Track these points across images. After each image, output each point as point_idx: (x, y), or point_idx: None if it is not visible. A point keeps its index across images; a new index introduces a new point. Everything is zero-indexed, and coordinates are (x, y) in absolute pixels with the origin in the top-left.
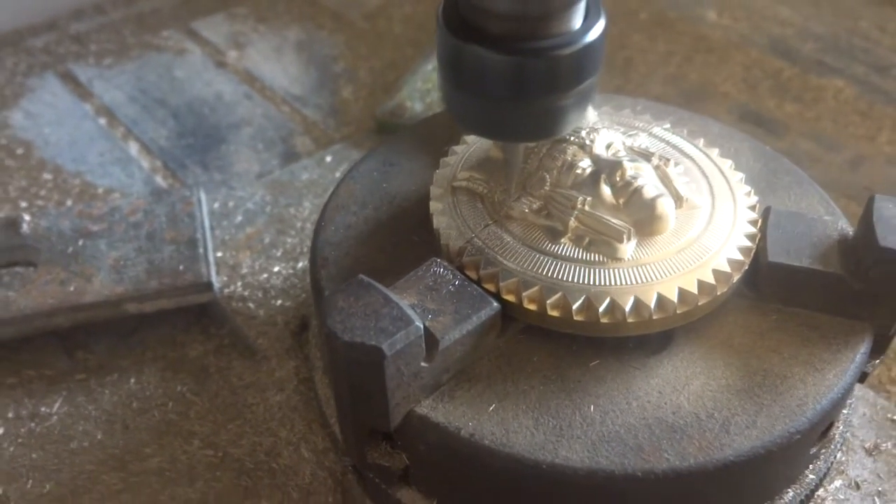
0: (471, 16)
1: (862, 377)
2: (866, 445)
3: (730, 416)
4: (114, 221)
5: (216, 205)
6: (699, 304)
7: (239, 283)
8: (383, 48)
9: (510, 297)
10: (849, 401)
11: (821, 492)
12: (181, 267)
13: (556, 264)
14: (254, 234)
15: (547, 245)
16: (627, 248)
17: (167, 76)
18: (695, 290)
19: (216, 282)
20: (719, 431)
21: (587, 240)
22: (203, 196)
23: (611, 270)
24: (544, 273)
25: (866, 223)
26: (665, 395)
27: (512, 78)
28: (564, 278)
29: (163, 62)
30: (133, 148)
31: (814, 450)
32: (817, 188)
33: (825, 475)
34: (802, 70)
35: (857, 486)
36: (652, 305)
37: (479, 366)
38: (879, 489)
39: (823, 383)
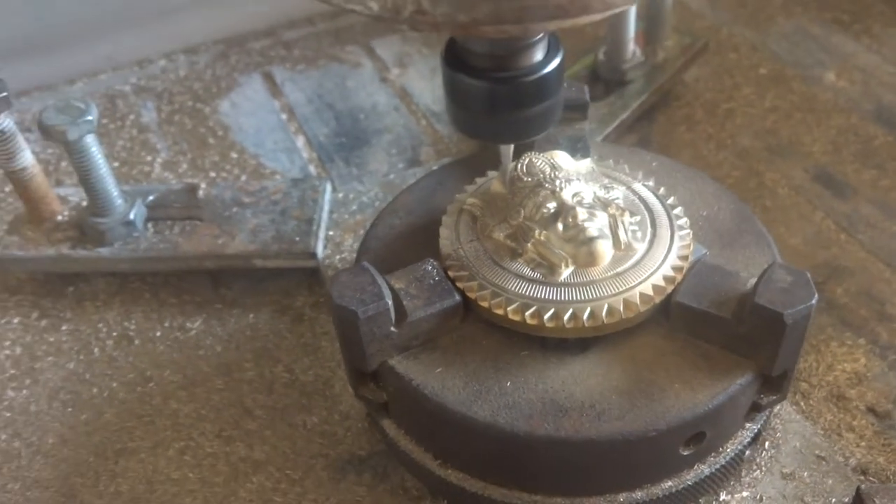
0: (460, 54)
1: (756, 407)
2: (784, 471)
3: (606, 408)
4: (261, 197)
5: (340, 194)
6: (605, 323)
7: (338, 257)
8: None
9: (471, 295)
10: (753, 428)
11: (726, 497)
12: (297, 238)
13: (509, 277)
14: (360, 222)
15: (507, 262)
16: (563, 273)
17: (341, 84)
18: (603, 313)
19: (320, 253)
20: (593, 417)
21: (536, 262)
22: (328, 187)
23: (547, 287)
24: (498, 282)
25: (757, 283)
26: (566, 384)
27: (485, 98)
28: (511, 288)
29: (340, 72)
30: (300, 141)
31: (685, 452)
32: (773, 251)
33: (715, 480)
34: None
35: (760, 500)
36: (565, 318)
37: (441, 340)
38: None
39: (692, 400)
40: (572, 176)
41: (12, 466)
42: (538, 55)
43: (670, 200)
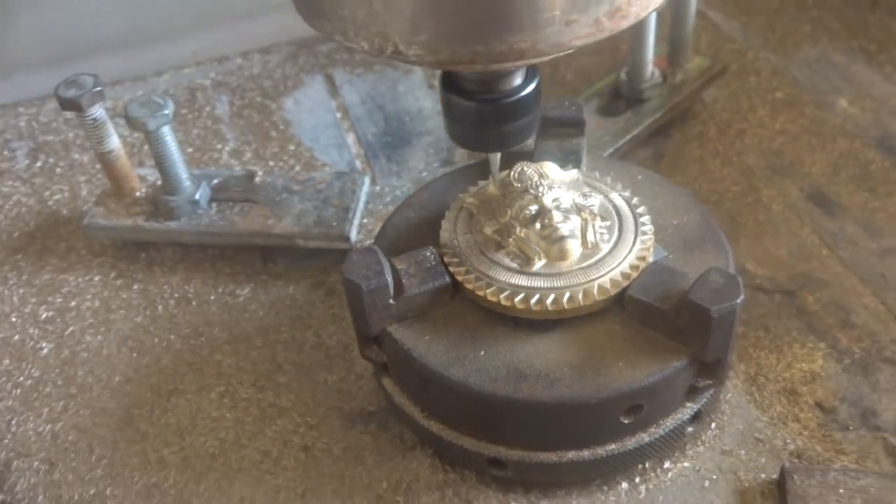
0: (453, 78)
1: (693, 389)
2: (724, 448)
3: (559, 377)
4: (307, 186)
5: (377, 188)
6: (566, 308)
7: (368, 242)
8: (554, 92)
9: (459, 278)
10: (693, 407)
11: (669, 465)
12: (335, 223)
13: (492, 265)
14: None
15: (492, 253)
16: (536, 265)
17: (392, 89)
18: (565, 300)
19: (353, 238)
20: (546, 384)
21: (515, 254)
22: (367, 181)
23: (522, 276)
24: (483, 269)
25: (694, 282)
26: (529, 356)
27: (473, 115)
28: (493, 274)
29: (393, 78)
30: (350, 138)
31: (626, 421)
32: (728, 259)
33: (654, 448)
34: (893, 165)
35: (698, 471)
36: (532, 301)
37: (432, 314)
38: (714, 477)
39: (632, 376)
40: (556, 184)
41: (86, 397)
42: (517, 80)
43: (640, 209)
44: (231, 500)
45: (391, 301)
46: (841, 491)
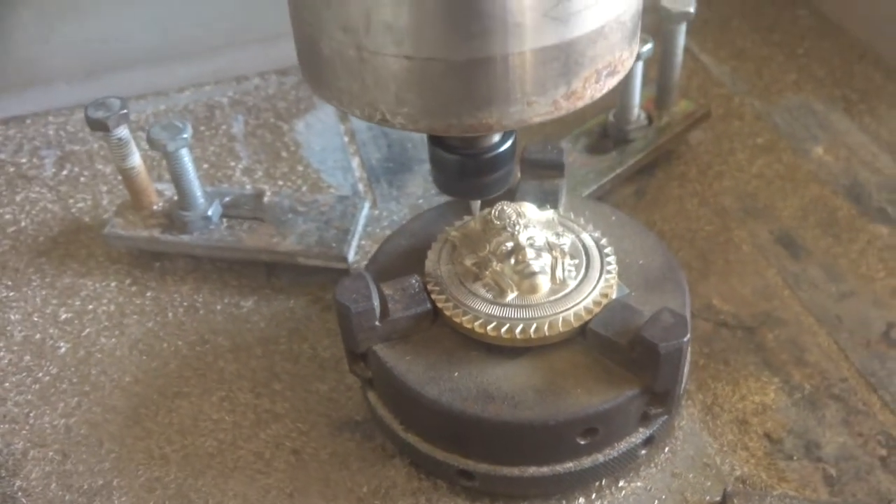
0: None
1: (646, 416)
2: (675, 471)
3: (523, 400)
4: (312, 207)
5: (376, 211)
6: (533, 337)
7: (364, 263)
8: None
9: (440, 305)
10: (646, 432)
11: (623, 483)
12: (334, 244)
13: (469, 295)
14: None
15: (469, 283)
16: (509, 297)
17: None
18: (532, 330)
19: (351, 258)
20: (511, 406)
21: (491, 286)
22: (366, 205)
23: (495, 306)
24: (461, 298)
25: (647, 320)
26: (498, 379)
27: (455, 167)
28: (469, 304)
29: None
30: (355, 162)
31: (582, 442)
32: (685, 298)
33: (609, 468)
34: (859, 213)
35: (649, 490)
36: (503, 330)
37: (414, 336)
38: (663, 497)
39: (588, 402)
40: (532, 223)
41: (98, 395)
42: (496, 138)
43: (607, 249)
44: (226, 496)
45: (377, 323)
46: None
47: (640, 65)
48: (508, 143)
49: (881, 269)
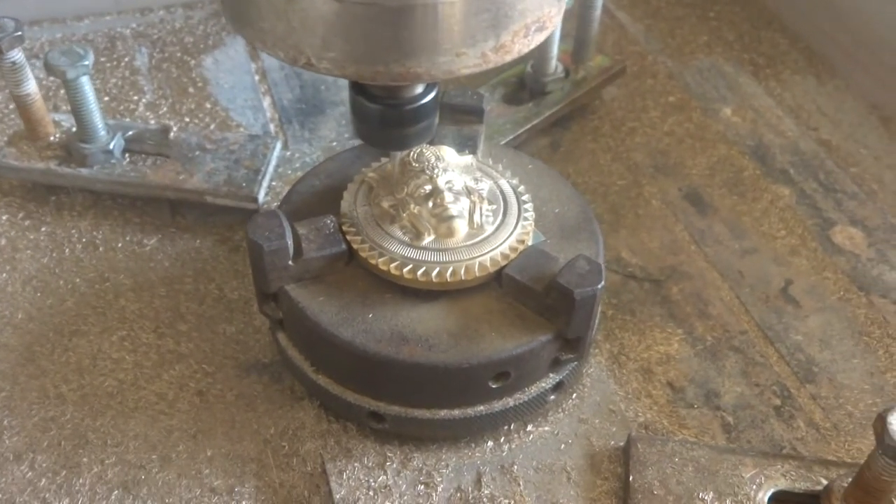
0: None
1: (557, 362)
2: (582, 416)
3: (436, 343)
4: (221, 146)
5: (288, 153)
6: (448, 281)
7: (275, 204)
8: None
9: (355, 247)
10: (555, 378)
11: (531, 428)
12: (244, 184)
13: (385, 237)
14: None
15: (386, 225)
16: (425, 240)
17: None
18: (448, 273)
19: (261, 199)
20: (425, 348)
21: (408, 229)
22: (278, 145)
23: (411, 249)
24: (377, 239)
25: (563, 267)
26: (412, 322)
27: (378, 117)
28: (385, 245)
29: None
30: (266, 101)
31: (494, 386)
32: (599, 247)
33: (519, 412)
34: (763, 174)
35: (556, 434)
36: (418, 273)
37: (328, 277)
38: (570, 441)
39: (501, 346)
40: (450, 167)
41: None
42: (419, 89)
43: (524, 196)
44: (126, 436)
45: (290, 262)
46: (676, 459)
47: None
48: (431, 95)
49: (782, 228)
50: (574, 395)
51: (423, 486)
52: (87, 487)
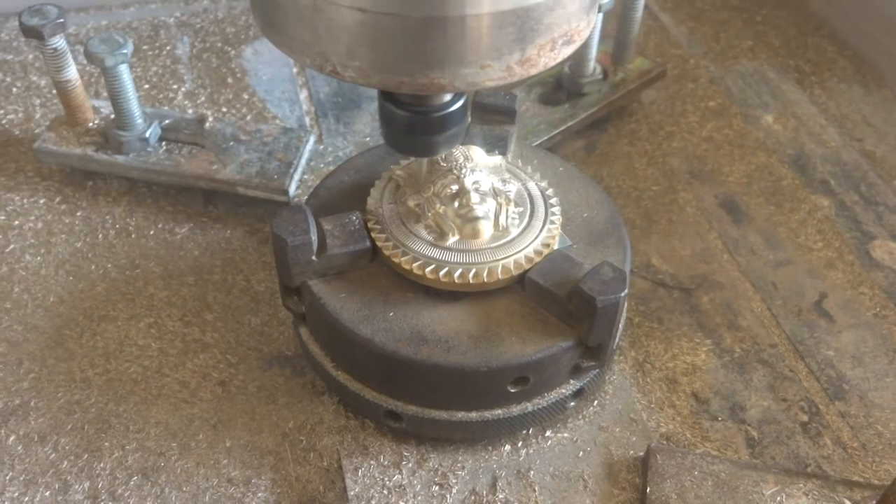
0: None
1: (577, 368)
2: (602, 424)
3: (456, 344)
4: (255, 137)
5: (321, 147)
6: (471, 282)
7: (305, 197)
8: None
9: (378, 244)
10: (576, 385)
11: (550, 433)
12: (276, 176)
13: (410, 236)
14: None
15: (411, 224)
16: (450, 240)
17: None
18: (471, 275)
19: (292, 192)
20: (444, 349)
21: (432, 228)
22: (312, 139)
23: (435, 248)
24: (401, 238)
25: (587, 273)
26: (433, 323)
27: (405, 124)
28: (409, 244)
29: None
30: (303, 94)
31: (513, 390)
32: (626, 254)
33: (537, 418)
34: (802, 184)
35: (575, 441)
36: (441, 273)
37: (351, 274)
38: (588, 449)
39: (521, 351)
40: (479, 167)
41: (20, 313)
42: (447, 97)
43: (552, 200)
44: (147, 423)
45: (313, 258)
46: (696, 472)
47: (598, 17)
48: (459, 103)
49: (819, 239)
50: (595, 402)
51: (437, 487)
52: (107, 472)
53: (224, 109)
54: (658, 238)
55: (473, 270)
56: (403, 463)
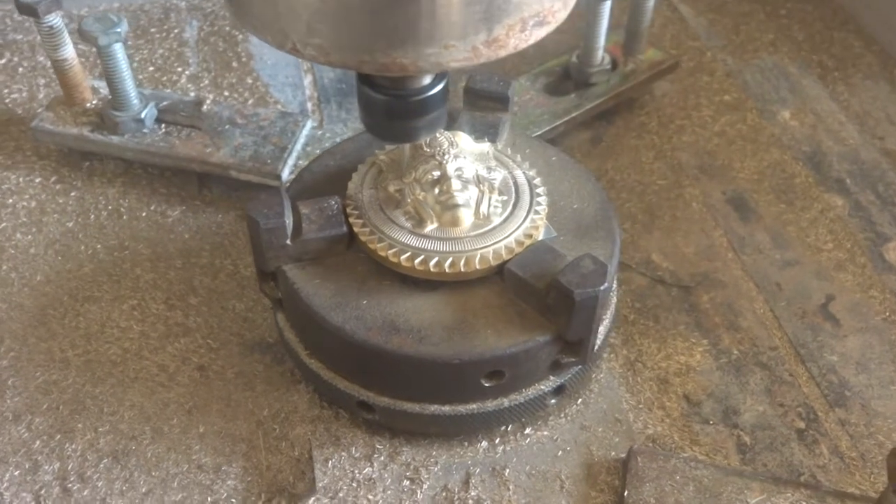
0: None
1: (556, 365)
2: (584, 423)
3: (428, 335)
4: (251, 121)
5: (320, 132)
6: (447, 272)
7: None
8: (511, 62)
9: (356, 230)
10: (556, 381)
11: (530, 431)
12: (269, 161)
13: (387, 222)
14: None
15: (390, 210)
16: (428, 228)
17: None
18: (447, 264)
19: (285, 177)
20: (416, 340)
21: (411, 215)
22: (308, 124)
23: (412, 236)
24: (378, 224)
25: (566, 265)
26: (406, 312)
27: (383, 108)
28: (386, 231)
29: None
30: (307, 80)
31: (488, 384)
32: (615, 247)
33: (514, 413)
34: (816, 182)
35: (555, 440)
36: (416, 261)
37: (327, 259)
38: (568, 448)
39: (496, 344)
40: (463, 154)
41: (5, 291)
42: (426, 80)
43: (539, 189)
44: (122, 405)
45: (288, 241)
46: (677, 477)
47: (606, 5)
48: (439, 87)
49: (829, 240)
50: (580, 400)
51: (408, 482)
52: (78, 454)
53: (227, 93)
54: (660, 234)
55: (451, 259)
56: (375, 456)
